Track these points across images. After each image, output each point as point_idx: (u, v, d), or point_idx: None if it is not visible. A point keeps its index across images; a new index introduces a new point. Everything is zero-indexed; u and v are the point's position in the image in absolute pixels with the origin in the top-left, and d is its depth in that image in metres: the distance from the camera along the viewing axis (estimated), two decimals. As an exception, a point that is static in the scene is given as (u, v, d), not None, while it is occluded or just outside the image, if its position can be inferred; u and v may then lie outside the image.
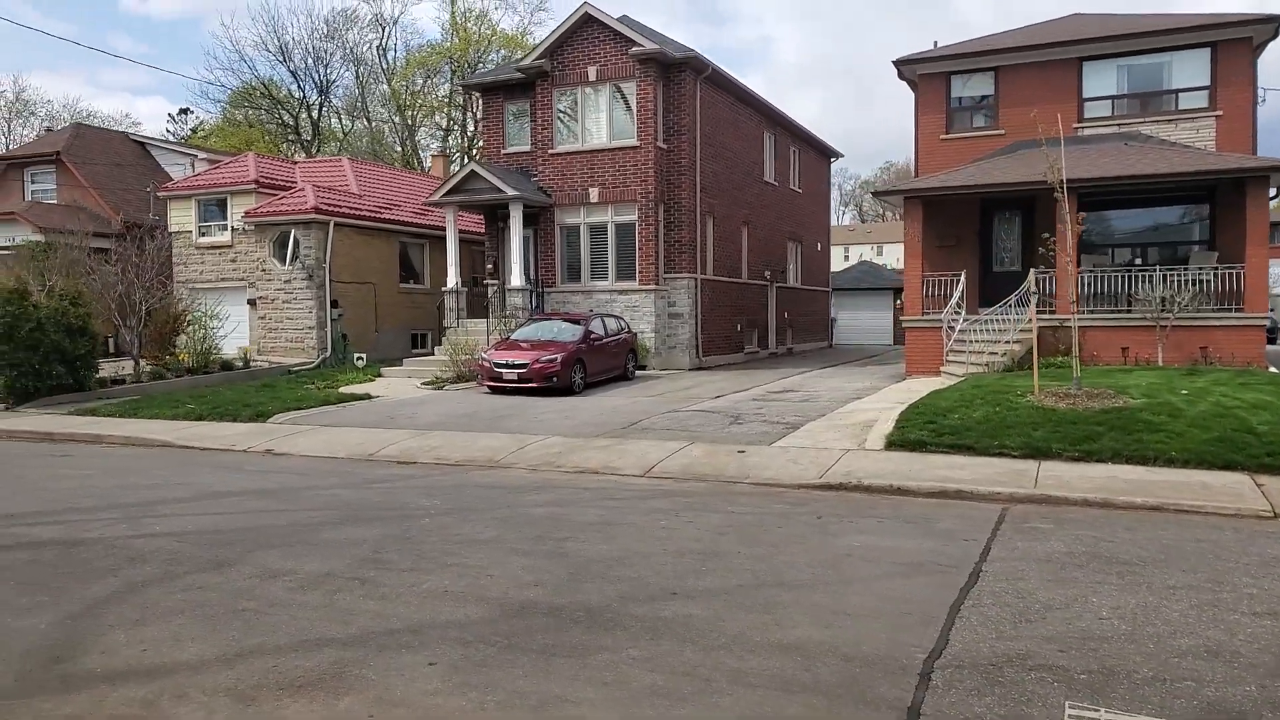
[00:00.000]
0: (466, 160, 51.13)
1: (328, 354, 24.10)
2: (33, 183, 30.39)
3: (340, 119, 61.69)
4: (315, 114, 59.52)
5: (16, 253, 25.32)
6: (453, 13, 56.22)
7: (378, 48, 57.76)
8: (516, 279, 23.16)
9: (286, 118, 59.84)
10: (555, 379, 18.00)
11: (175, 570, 6.66)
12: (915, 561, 6.83)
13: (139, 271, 20.89)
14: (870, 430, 12.54)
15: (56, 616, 5.68)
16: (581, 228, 23.70)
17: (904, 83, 21.74)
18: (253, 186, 25.82)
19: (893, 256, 71.40)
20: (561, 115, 23.82)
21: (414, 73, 53.17)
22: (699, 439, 12.58)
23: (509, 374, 18.18)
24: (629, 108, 23.00)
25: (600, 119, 23.39)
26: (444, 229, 28.27)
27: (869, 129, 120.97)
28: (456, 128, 57.70)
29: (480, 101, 28.62)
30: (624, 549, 7.20)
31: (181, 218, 26.86)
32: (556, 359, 18.13)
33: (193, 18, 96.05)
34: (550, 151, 23.76)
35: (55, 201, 29.53)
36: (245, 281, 25.97)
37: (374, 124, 60.92)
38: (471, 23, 55.11)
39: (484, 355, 18.90)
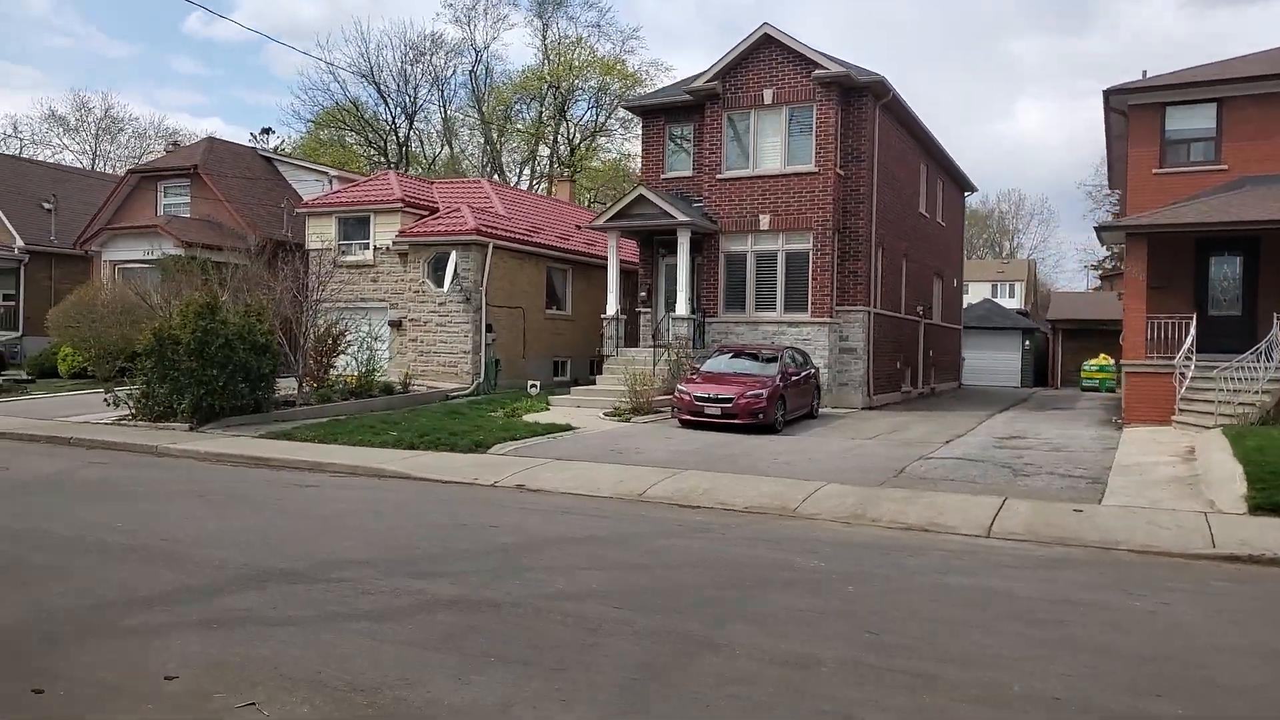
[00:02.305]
0: (554, 187, 50.50)
1: (481, 379, 23.18)
2: (165, 196, 29.97)
3: (423, 143, 61.54)
4: (402, 135, 59.42)
5: (160, 265, 24.78)
6: (544, 40, 55.94)
7: (470, 72, 57.59)
8: (682, 308, 22.12)
9: (374, 138, 59.83)
10: (761, 415, 16.88)
11: (661, 650, 5.55)
12: None
13: (303, 289, 20.18)
14: (1201, 488, 11.25)
15: (604, 713, 4.58)
16: (748, 256, 22.65)
17: (1115, 114, 20.47)
18: (399, 205, 25.10)
19: (977, 295, 69.58)
20: (732, 139, 22.88)
21: (513, 97, 52.78)
22: (1001, 492, 11.34)
23: (711, 408, 17.08)
24: (807, 132, 21.99)
25: (774, 143, 22.40)
26: (586, 254, 27.63)
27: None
28: (547, 150, 57.24)
29: (636, 126, 27.73)
30: (1149, 642, 5.99)
31: (321, 235, 26.20)
32: (762, 394, 17.01)
33: (256, 42, 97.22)
34: (718, 177, 22.79)
35: (189, 215, 29.09)
36: (387, 302, 25.20)
37: (455, 149, 60.73)
38: (564, 50, 54.80)
39: (681, 388, 17.82)
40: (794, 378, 18.49)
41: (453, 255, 22.96)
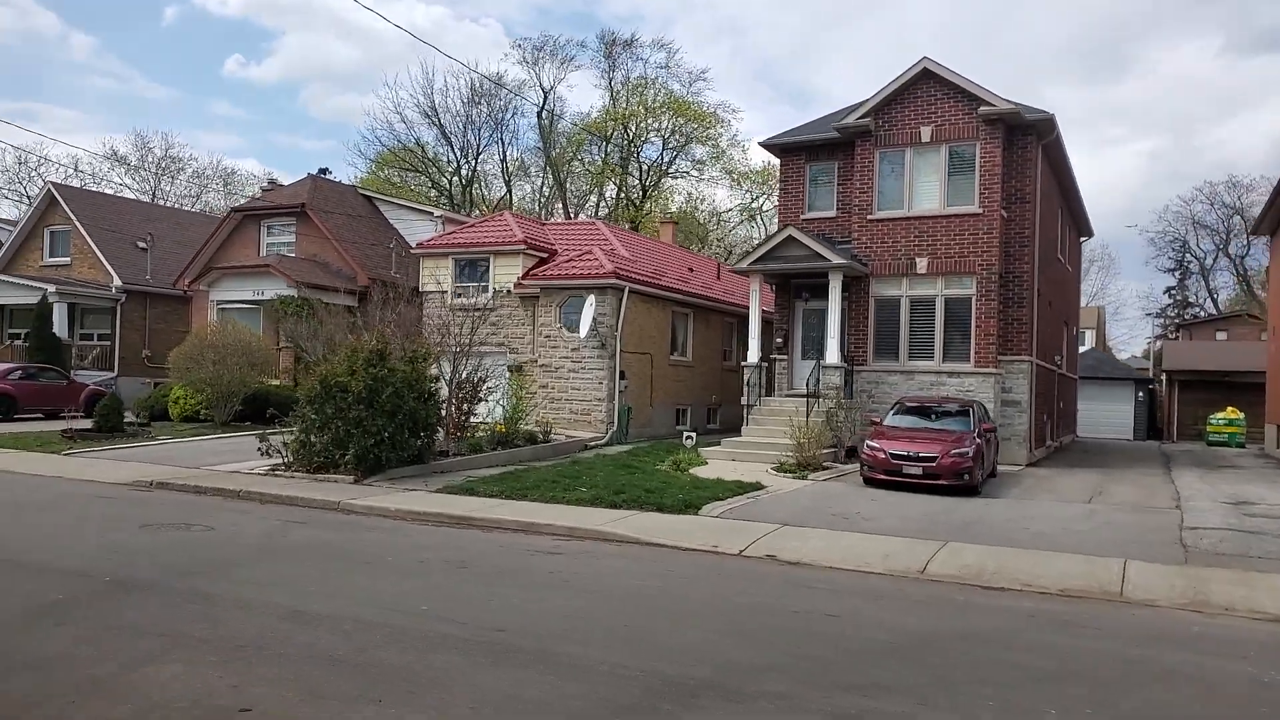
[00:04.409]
0: (659, 229, 49.64)
1: (614, 428, 22.03)
2: (269, 235, 29.28)
3: (482, 184, 61.10)
4: (466, 175, 59.07)
5: (269, 308, 23.95)
6: (609, 81, 55.26)
7: (538, 113, 57.24)
8: (832, 355, 20.95)
9: (439, 178, 59.55)
10: (966, 476, 15.60)
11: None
12: None
13: (446, 334, 19.23)
14: None
15: None
16: (902, 300, 21.51)
17: None
18: (520, 247, 24.21)
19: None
20: (884, 178, 21.85)
21: (585, 137, 52.28)
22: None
23: (911, 467, 15.80)
24: (968, 171, 20.94)
25: (931, 183, 21.36)
26: (706, 298, 26.66)
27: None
28: (613, 189, 56.47)
29: (775, 165, 26.82)
30: None
31: (436, 277, 25.32)
32: (968, 453, 15.74)
33: (294, 82, 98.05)
34: (869, 217, 21.74)
35: (294, 255, 28.35)
36: (506, 346, 24.20)
37: (517, 190, 60.30)
38: (635, 89, 54.25)
39: (871, 444, 16.57)
40: (988, 433, 17.24)
41: (590, 299, 21.92)
